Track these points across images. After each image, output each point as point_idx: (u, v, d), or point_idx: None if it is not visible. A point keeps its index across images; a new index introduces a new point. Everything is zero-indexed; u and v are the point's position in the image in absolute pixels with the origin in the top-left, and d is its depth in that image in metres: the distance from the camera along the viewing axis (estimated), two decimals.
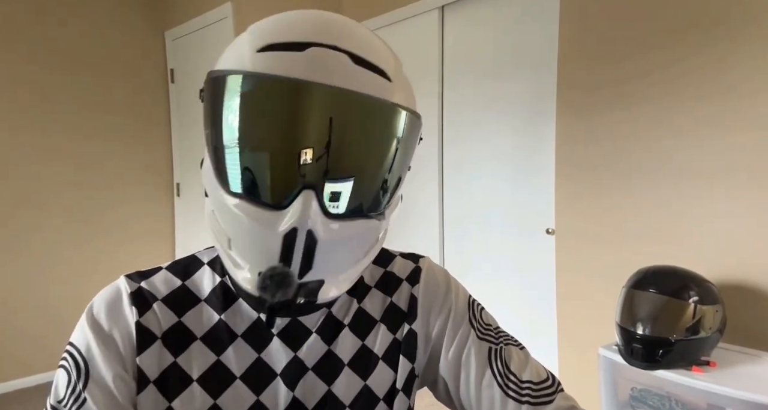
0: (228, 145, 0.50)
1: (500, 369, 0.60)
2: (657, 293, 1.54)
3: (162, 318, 0.55)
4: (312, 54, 0.47)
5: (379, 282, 0.65)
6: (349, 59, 0.48)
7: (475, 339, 0.62)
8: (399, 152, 0.53)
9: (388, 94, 0.50)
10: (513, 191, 2.50)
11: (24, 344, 2.86)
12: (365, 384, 0.59)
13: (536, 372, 0.61)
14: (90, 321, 0.54)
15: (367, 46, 0.50)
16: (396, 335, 0.62)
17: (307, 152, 0.47)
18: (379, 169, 0.52)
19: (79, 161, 3.06)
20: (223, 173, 0.51)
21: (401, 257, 0.69)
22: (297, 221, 0.46)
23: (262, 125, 0.49)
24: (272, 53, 0.47)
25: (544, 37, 2.27)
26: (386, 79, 0.50)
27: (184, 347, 0.55)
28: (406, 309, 0.64)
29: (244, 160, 0.49)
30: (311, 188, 0.47)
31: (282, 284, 0.47)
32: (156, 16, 3.33)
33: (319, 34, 0.48)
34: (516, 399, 0.58)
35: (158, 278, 0.58)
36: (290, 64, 0.46)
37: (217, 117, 0.50)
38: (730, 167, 1.73)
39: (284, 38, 0.48)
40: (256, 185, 0.49)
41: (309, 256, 0.48)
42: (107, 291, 0.57)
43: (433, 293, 0.65)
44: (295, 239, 0.47)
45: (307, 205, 0.46)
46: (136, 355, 0.53)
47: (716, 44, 1.73)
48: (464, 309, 0.65)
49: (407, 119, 0.52)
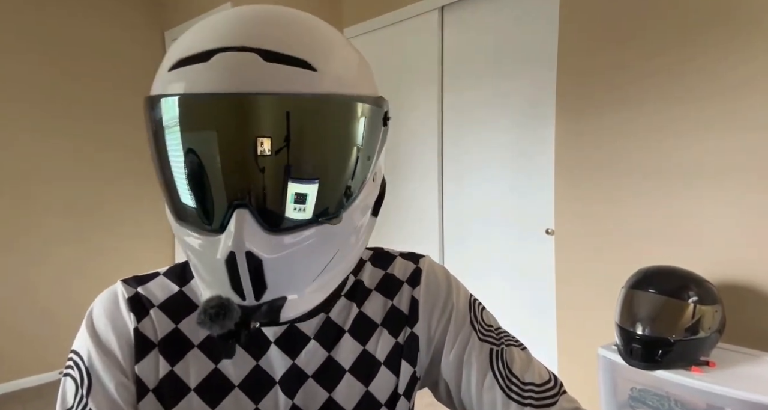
0: (159, 172, 0.48)
1: (502, 370, 0.59)
2: (656, 293, 1.54)
3: (158, 325, 0.54)
4: (216, 62, 0.43)
5: (379, 285, 0.63)
6: (258, 57, 0.43)
7: (476, 340, 0.61)
8: (343, 144, 0.48)
9: (313, 86, 0.45)
10: (513, 192, 2.50)
11: (24, 344, 2.86)
12: (367, 389, 0.58)
13: (538, 374, 0.60)
14: (90, 329, 0.54)
15: (282, 36, 0.45)
16: (398, 339, 0.61)
17: (229, 167, 0.45)
18: (320, 170, 0.47)
19: (77, 161, 3.06)
20: (169, 202, 0.49)
21: (401, 258, 0.67)
22: (233, 243, 0.43)
23: (181, 149, 0.45)
24: (179, 70, 0.44)
25: (543, 37, 2.27)
26: (309, 69, 0.44)
27: (181, 355, 0.54)
28: (407, 311, 0.62)
29: (173, 187, 0.47)
30: (242, 207, 0.44)
31: (217, 318, 0.44)
32: (156, 15, 3.33)
33: (225, 37, 0.44)
34: (518, 401, 0.57)
35: (155, 284, 0.57)
36: (195, 78, 0.43)
37: (150, 143, 0.48)
38: (729, 167, 1.73)
39: (191, 50, 0.44)
40: (193, 211, 0.47)
41: (258, 276, 0.44)
42: (105, 297, 0.56)
43: (434, 295, 0.64)
44: (237, 262, 0.43)
45: (240, 225, 0.43)
46: (135, 363, 0.52)
47: (717, 45, 1.74)
48: (465, 309, 0.64)
49: (347, 106, 0.48)
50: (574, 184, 2.17)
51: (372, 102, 0.49)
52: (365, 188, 0.51)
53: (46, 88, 2.94)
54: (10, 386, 2.83)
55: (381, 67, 3.01)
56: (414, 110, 2.83)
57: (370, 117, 0.49)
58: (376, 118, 0.50)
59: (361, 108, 0.48)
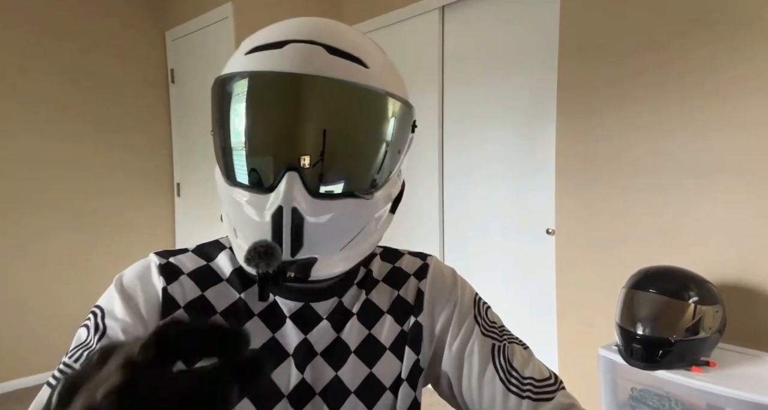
0: (223, 140, 0.55)
1: (503, 364, 0.62)
2: (657, 293, 1.54)
3: (187, 290, 0.58)
4: (289, 48, 0.51)
5: (387, 277, 0.67)
6: (324, 50, 0.51)
7: (479, 334, 0.64)
8: (380, 133, 0.56)
9: (365, 79, 0.53)
10: (513, 191, 2.50)
11: (24, 344, 2.85)
12: (371, 371, 0.61)
13: (539, 370, 0.62)
14: (118, 286, 0.57)
15: (343, 39, 0.53)
16: (403, 327, 0.64)
17: (288, 136, 0.52)
18: (359, 149, 0.55)
19: (78, 161, 3.05)
20: (224, 166, 0.56)
21: (409, 255, 0.71)
22: (282, 200, 0.49)
23: (247, 117, 0.53)
24: (256, 54, 0.53)
25: (544, 37, 2.27)
26: (363, 67, 0.53)
27: (205, 319, 0.57)
28: (412, 302, 0.66)
29: (236, 151, 0.54)
30: (294, 170, 0.50)
31: (265, 256, 0.49)
32: (156, 16, 3.33)
33: (296, 32, 0.53)
34: (517, 394, 0.60)
35: (185, 256, 0.62)
36: (270, 60, 0.51)
37: (215, 117, 0.55)
38: (730, 167, 1.73)
39: (266, 40, 0.53)
40: (248, 172, 0.53)
41: (298, 233, 0.51)
42: (137, 265, 0.60)
43: (440, 288, 0.67)
44: (282, 217, 0.50)
45: (290, 185, 0.50)
46: (159, 321, 0.55)
47: (717, 43, 1.74)
48: (470, 305, 0.66)
49: (386, 102, 0.55)
50: (574, 184, 2.17)
51: (406, 105, 0.58)
52: (391, 179, 0.59)
53: (46, 85, 2.94)
54: (10, 385, 2.83)
55: None
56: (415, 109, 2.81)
57: (402, 117, 0.58)
58: (407, 119, 0.59)
59: (398, 106, 0.57)
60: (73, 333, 0.56)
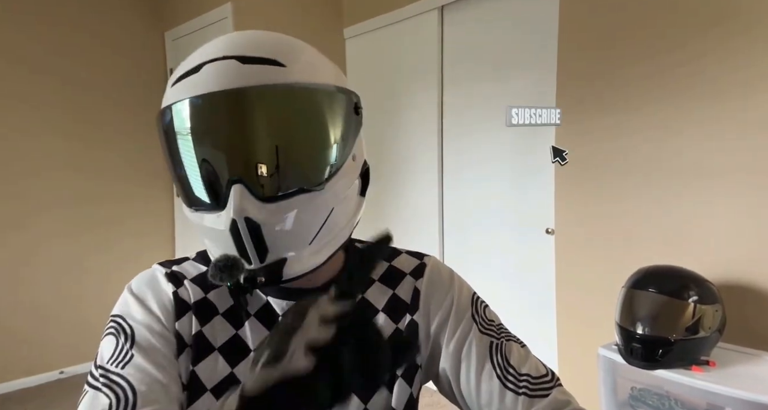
0: (174, 170, 0.57)
1: (500, 362, 0.63)
2: (657, 293, 1.54)
3: (192, 293, 0.61)
4: (204, 71, 0.53)
5: (383, 277, 0.68)
6: (236, 62, 0.53)
7: (476, 332, 0.64)
8: (314, 126, 0.57)
9: (283, 78, 0.53)
10: (513, 191, 2.50)
11: (24, 344, 2.85)
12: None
13: (535, 367, 0.63)
14: (132, 294, 0.60)
15: (255, 45, 0.55)
16: (398, 324, 0.65)
17: (223, 152, 0.55)
18: (296, 147, 0.56)
19: (77, 162, 3.06)
20: (182, 194, 0.59)
21: (407, 254, 0.72)
22: (234, 212, 0.51)
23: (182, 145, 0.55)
24: (179, 84, 0.55)
25: (543, 37, 2.27)
26: (279, 66, 0.53)
27: (209, 319, 0.60)
28: (408, 300, 0.66)
29: (184, 177, 0.56)
30: (237, 182, 0.52)
31: (225, 269, 0.51)
32: (156, 16, 3.33)
33: (211, 53, 0.54)
34: (513, 390, 0.61)
35: (186, 264, 0.65)
36: (189, 86, 0.54)
37: (163, 149, 0.58)
38: (729, 167, 1.73)
39: (185, 68, 0.55)
40: (200, 194, 0.56)
41: (259, 240, 0.53)
42: (143, 274, 0.63)
43: (437, 287, 0.68)
44: (239, 229, 0.52)
45: (238, 197, 0.52)
46: (175, 321, 0.58)
47: (718, 45, 1.74)
48: (467, 303, 0.67)
49: (313, 94, 0.56)
50: (574, 183, 2.17)
51: (339, 91, 0.58)
52: (345, 165, 0.59)
53: (46, 87, 2.94)
54: (10, 386, 2.83)
55: (381, 67, 3.01)
56: (414, 110, 2.83)
57: (336, 104, 0.58)
58: (343, 105, 0.58)
59: (328, 95, 0.57)
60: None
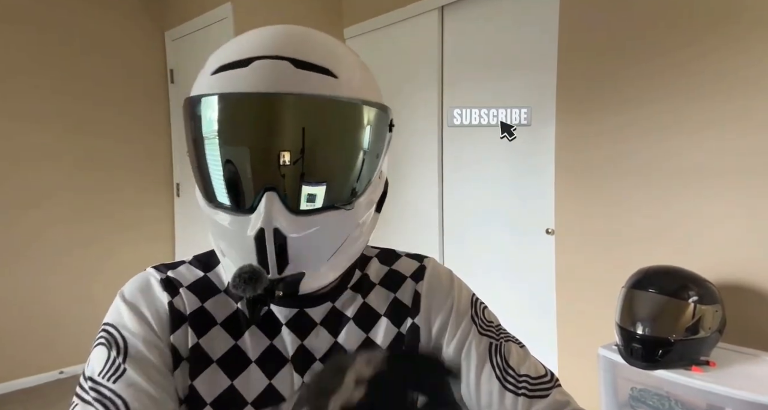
0: (199, 161, 0.55)
1: (499, 363, 0.63)
2: (657, 293, 1.54)
3: (188, 302, 0.59)
4: (255, 67, 0.51)
5: (383, 280, 0.68)
6: (290, 65, 0.51)
7: (476, 334, 0.64)
8: (356, 143, 0.55)
9: (335, 90, 0.52)
10: (513, 192, 2.50)
11: (24, 344, 2.85)
12: None
13: (534, 368, 0.64)
14: (124, 301, 0.58)
15: (309, 49, 0.53)
16: (400, 329, 0.65)
17: (262, 156, 0.52)
18: (334, 161, 0.55)
19: (78, 161, 3.05)
20: (203, 189, 0.56)
21: (407, 257, 0.72)
22: (263, 221, 0.50)
23: (220, 140, 0.53)
24: (222, 73, 0.52)
25: (543, 37, 2.27)
26: (331, 77, 0.52)
27: (206, 330, 0.58)
28: (409, 304, 0.66)
29: (212, 173, 0.54)
30: (272, 189, 0.51)
31: (250, 281, 0.50)
32: (156, 16, 3.33)
33: (261, 47, 0.52)
34: (513, 391, 0.61)
35: (182, 269, 0.63)
36: (237, 80, 0.51)
37: (189, 138, 0.56)
38: (730, 167, 1.73)
39: (231, 58, 0.52)
40: (226, 194, 0.54)
41: (282, 252, 0.52)
42: (137, 279, 0.60)
43: (437, 290, 0.67)
44: (265, 238, 0.50)
45: (269, 205, 0.50)
46: (170, 333, 0.56)
47: (718, 46, 1.73)
48: (467, 305, 0.67)
49: (360, 110, 0.55)
50: (574, 184, 2.17)
51: (380, 108, 0.57)
52: (372, 184, 0.58)
53: (46, 89, 2.94)
54: (10, 386, 2.83)
55: (381, 67, 3.01)
56: (414, 110, 2.82)
57: (378, 121, 0.57)
58: (383, 122, 0.58)
59: (372, 112, 0.56)
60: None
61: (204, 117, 0.53)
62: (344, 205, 0.55)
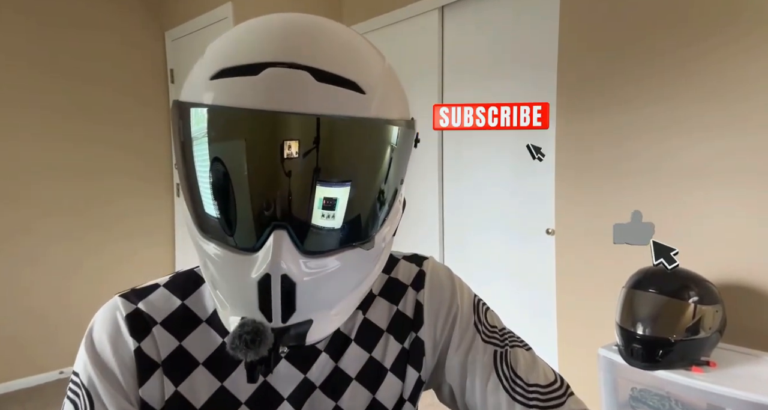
0: (192, 183, 0.46)
1: (506, 372, 0.58)
2: (657, 293, 1.54)
3: (161, 344, 0.52)
4: (267, 77, 0.42)
5: (383, 290, 0.62)
6: (310, 76, 0.42)
7: (480, 342, 0.60)
8: (381, 170, 0.47)
9: (362, 109, 0.44)
10: (513, 192, 2.50)
11: (24, 344, 2.85)
12: (374, 397, 0.58)
13: (544, 375, 0.59)
14: (90, 351, 0.51)
15: (333, 55, 0.44)
16: (404, 344, 0.60)
17: (272, 187, 0.43)
18: (360, 194, 0.46)
19: (78, 162, 3.05)
20: (193, 212, 0.47)
21: (404, 261, 0.66)
22: (268, 266, 0.42)
23: (219, 162, 0.44)
24: (224, 80, 0.43)
25: (543, 37, 2.27)
26: (358, 92, 0.44)
27: (186, 374, 0.52)
28: (412, 316, 0.62)
29: (209, 202, 0.45)
30: (282, 228, 0.43)
31: (253, 344, 0.42)
32: (156, 16, 3.33)
33: (275, 50, 0.43)
34: (523, 403, 0.56)
35: (156, 297, 0.54)
36: (244, 92, 0.42)
37: (178, 150, 0.46)
38: (729, 167, 1.73)
39: (237, 61, 0.43)
40: (225, 228, 0.45)
41: (289, 300, 0.44)
42: (104, 316, 0.53)
43: (439, 298, 0.63)
44: (270, 284, 0.43)
45: (278, 246, 0.42)
46: (138, 387, 0.50)
47: (719, 46, 1.73)
48: (470, 311, 0.63)
49: (389, 132, 0.47)
50: (574, 184, 2.17)
51: (409, 126, 0.50)
52: (392, 211, 0.51)
53: (45, 88, 2.93)
54: (10, 386, 2.83)
55: None
56: (414, 110, 2.81)
57: (406, 141, 0.50)
58: (410, 141, 0.51)
59: (402, 132, 0.48)
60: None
61: (200, 130, 0.44)
62: (363, 243, 0.47)
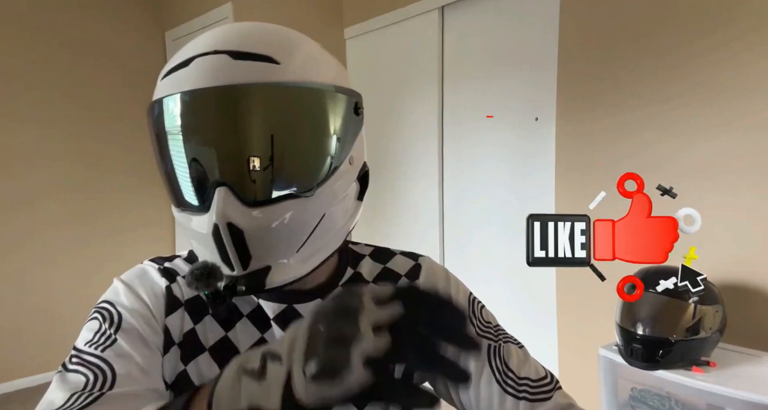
0: (160, 167, 0.56)
1: (499, 366, 0.62)
2: (657, 293, 1.54)
3: (184, 290, 0.59)
4: (195, 65, 0.51)
5: (377, 278, 0.66)
6: (228, 57, 0.50)
7: (474, 336, 0.62)
8: (308, 128, 0.54)
9: (277, 76, 0.51)
10: (513, 192, 2.50)
11: (23, 344, 2.85)
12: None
13: (534, 370, 0.63)
14: (122, 282, 0.58)
15: (248, 39, 0.52)
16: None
17: (209, 152, 0.52)
18: (286, 148, 0.53)
19: (78, 163, 3.06)
20: (168, 191, 0.56)
21: (401, 255, 0.70)
22: (216, 217, 0.49)
23: (170, 141, 0.53)
24: (169, 77, 0.53)
25: (544, 37, 2.27)
26: (273, 63, 0.51)
27: (201, 317, 0.58)
28: None
29: (169, 176, 0.54)
30: (223, 184, 0.50)
31: (202, 278, 0.49)
32: (156, 16, 3.33)
33: (200, 46, 0.52)
34: (513, 395, 0.60)
35: (178, 261, 0.63)
36: (180, 81, 0.51)
37: (151, 143, 0.56)
38: (730, 167, 1.73)
39: (176, 61, 0.53)
40: (184, 194, 0.54)
41: (242, 246, 0.50)
42: (134, 269, 0.61)
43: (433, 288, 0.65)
44: (221, 234, 0.49)
45: (221, 201, 0.49)
46: (165, 316, 0.56)
47: (719, 46, 1.73)
48: (464, 306, 0.66)
49: (308, 94, 0.53)
50: (574, 184, 2.16)
51: (333, 90, 0.55)
52: (340, 169, 0.56)
53: (45, 85, 2.94)
54: (11, 386, 2.83)
55: (381, 67, 3.01)
56: (414, 110, 2.82)
57: (334, 104, 0.55)
58: (340, 105, 0.55)
59: (326, 95, 0.54)
60: (72, 333, 0.56)
61: (156, 122, 0.54)
62: (304, 193, 0.53)
